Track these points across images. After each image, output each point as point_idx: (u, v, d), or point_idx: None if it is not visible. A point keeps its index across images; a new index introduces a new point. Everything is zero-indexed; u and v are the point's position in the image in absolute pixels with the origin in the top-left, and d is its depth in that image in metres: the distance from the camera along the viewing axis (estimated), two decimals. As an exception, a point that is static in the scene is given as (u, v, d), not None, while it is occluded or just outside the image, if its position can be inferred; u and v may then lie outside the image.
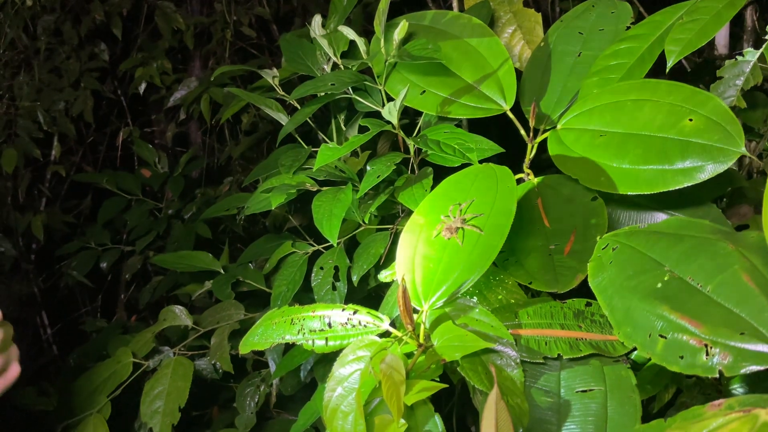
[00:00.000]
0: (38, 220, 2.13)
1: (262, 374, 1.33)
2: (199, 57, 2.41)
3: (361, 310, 0.79)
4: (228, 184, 2.09)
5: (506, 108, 0.95)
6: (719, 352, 0.54)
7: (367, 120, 1.00)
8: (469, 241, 0.75)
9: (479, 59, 0.99)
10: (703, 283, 0.60)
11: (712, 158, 0.71)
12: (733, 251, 0.60)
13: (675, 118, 0.75)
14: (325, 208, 0.99)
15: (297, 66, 1.14)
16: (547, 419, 0.69)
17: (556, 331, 0.70)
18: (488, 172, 0.81)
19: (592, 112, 0.84)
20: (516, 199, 0.75)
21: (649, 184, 0.74)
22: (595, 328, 0.71)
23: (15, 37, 2.11)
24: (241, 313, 1.25)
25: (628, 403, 0.67)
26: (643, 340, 0.60)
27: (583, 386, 0.70)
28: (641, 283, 0.64)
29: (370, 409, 0.69)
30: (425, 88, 0.99)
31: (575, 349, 0.69)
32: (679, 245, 0.65)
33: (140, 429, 1.10)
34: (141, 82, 2.21)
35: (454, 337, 0.70)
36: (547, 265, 0.80)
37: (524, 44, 1.17)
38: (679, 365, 0.57)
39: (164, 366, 1.11)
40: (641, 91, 0.81)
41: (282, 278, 1.19)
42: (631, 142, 0.78)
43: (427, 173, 1.01)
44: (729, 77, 0.92)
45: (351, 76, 1.00)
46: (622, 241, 0.71)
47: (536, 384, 0.72)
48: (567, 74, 0.98)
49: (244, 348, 0.82)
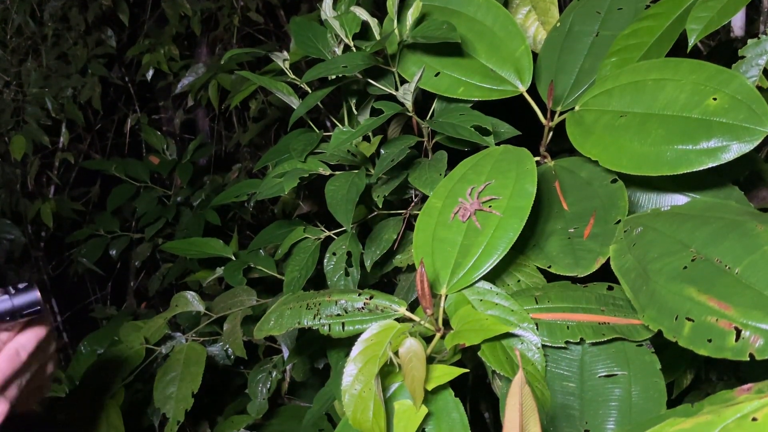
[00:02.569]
0: (47, 208, 2.12)
1: (274, 360, 1.32)
2: (207, 43, 2.39)
3: (377, 295, 0.78)
4: (237, 171, 2.08)
5: (522, 90, 0.94)
6: (750, 335, 0.53)
7: (381, 102, 0.98)
8: (488, 224, 0.74)
9: (494, 40, 0.97)
10: (732, 265, 0.58)
11: (738, 138, 0.69)
12: (762, 232, 0.59)
13: (698, 97, 0.74)
14: (339, 192, 0.98)
15: (307, 49, 1.12)
16: (570, 404, 0.68)
17: (579, 315, 0.69)
18: (507, 154, 0.80)
19: (612, 93, 0.82)
20: (536, 181, 0.73)
21: (672, 165, 0.72)
22: (618, 312, 0.69)
23: (22, 23, 2.10)
24: (253, 298, 1.24)
25: (653, 388, 0.66)
26: (669, 324, 0.59)
27: (606, 371, 0.69)
28: (666, 266, 0.62)
29: (389, 393, 0.68)
30: (440, 70, 0.98)
31: (598, 334, 0.67)
32: (706, 227, 0.63)
33: (153, 414, 1.10)
34: (148, 68, 2.20)
35: (473, 322, 0.69)
36: (567, 249, 0.79)
37: (539, 25, 1.15)
38: (707, 349, 0.55)
39: (177, 352, 1.11)
40: (662, 71, 0.79)
41: (294, 264, 1.18)
42: (653, 123, 0.76)
43: (441, 157, 1.00)
44: (751, 56, 0.89)
45: (363, 58, 0.98)
46: (646, 223, 0.69)
47: (558, 369, 0.70)
48: (584, 55, 0.96)
49: (259, 333, 0.81)
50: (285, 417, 1.38)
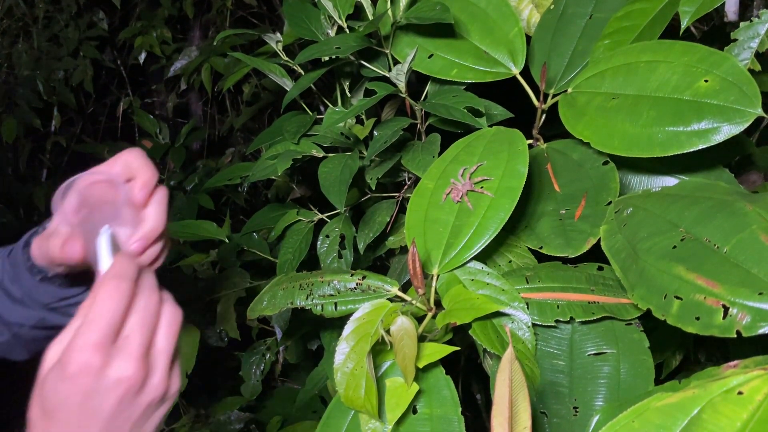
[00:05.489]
0: (40, 191, 2.11)
1: (267, 343, 1.33)
2: (199, 26, 2.38)
3: (370, 275, 0.78)
4: (230, 155, 2.08)
5: (516, 72, 0.94)
6: (737, 313, 0.54)
7: (374, 83, 0.98)
8: (480, 204, 0.75)
9: (488, 21, 0.97)
10: (720, 244, 0.59)
11: (728, 119, 0.70)
12: (750, 211, 0.59)
13: (690, 78, 0.74)
14: (332, 174, 0.98)
15: (301, 30, 1.11)
16: (559, 381, 0.68)
17: (569, 294, 0.70)
18: (499, 135, 0.80)
19: (604, 75, 0.83)
20: (528, 161, 0.74)
21: (663, 147, 0.73)
22: (607, 292, 0.70)
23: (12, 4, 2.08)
24: (246, 281, 1.24)
25: (641, 366, 0.67)
26: (658, 302, 0.60)
27: (595, 349, 0.70)
28: (656, 245, 0.63)
29: (381, 371, 0.69)
30: (433, 52, 0.98)
31: (588, 313, 0.68)
32: (695, 206, 0.64)
33: (147, 395, 1.10)
34: (141, 51, 2.18)
35: (464, 301, 0.70)
36: (558, 230, 0.79)
37: (533, 8, 1.14)
38: (695, 326, 0.56)
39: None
40: (655, 53, 0.79)
41: (287, 246, 1.18)
42: (645, 104, 0.76)
43: (434, 140, 1.00)
44: (743, 39, 0.90)
45: (356, 39, 0.98)
46: (636, 203, 0.70)
47: (548, 347, 0.71)
48: (578, 37, 0.96)
49: (252, 313, 0.81)
50: (278, 398, 1.39)
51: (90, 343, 0.49)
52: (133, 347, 0.50)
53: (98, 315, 0.50)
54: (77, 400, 0.49)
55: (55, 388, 0.49)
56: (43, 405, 0.50)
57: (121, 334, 0.51)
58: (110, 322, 0.50)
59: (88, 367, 0.49)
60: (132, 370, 0.50)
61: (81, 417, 0.49)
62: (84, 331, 0.49)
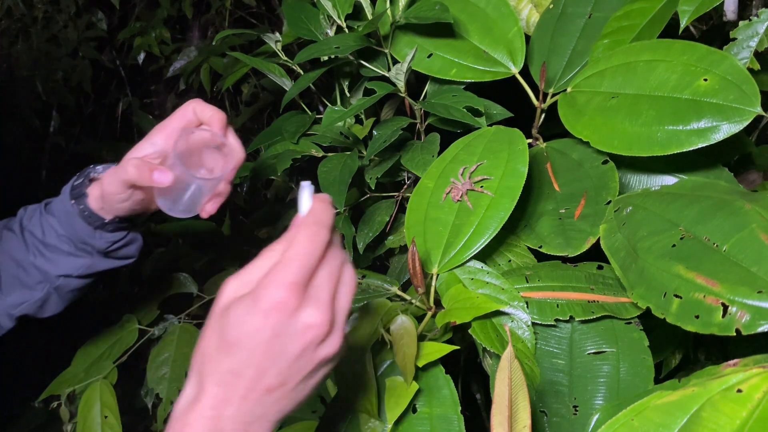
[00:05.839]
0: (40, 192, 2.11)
1: (266, 343, 1.33)
2: (198, 26, 2.38)
3: (370, 275, 0.78)
4: (229, 155, 2.07)
5: (515, 71, 0.94)
6: (736, 311, 0.54)
7: (374, 83, 0.98)
8: (480, 204, 0.75)
9: (487, 21, 0.97)
10: (720, 243, 0.59)
11: (728, 118, 0.70)
12: (750, 210, 0.59)
13: (689, 78, 0.74)
14: (331, 173, 0.98)
15: (300, 30, 1.11)
16: (559, 381, 0.68)
17: (569, 293, 0.70)
18: (499, 134, 0.80)
19: (604, 74, 0.83)
20: (528, 161, 0.74)
21: (663, 146, 0.73)
22: (607, 291, 0.70)
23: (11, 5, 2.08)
24: (245, 281, 1.24)
25: (640, 365, 0.67)
26: (658, 301, 0.60)
27: (594, 348, 0.70)
28: (655, 244, 0.63)
29: (380, 371, 0.69)
30: (432, 51, 0.98)
31: (588, 312, 0.68)
32: (695, 205, 0.64)
33: (147, 395, 1.10)
34: (140, 51, 2.18)
35: (464, 300, 0.70)
36: (558, 229, 0.79)
37: (532, 7, 1.15)
38: (694, 325, 0.56)
39: (170, 333, 1.11)
40: (654, 52, 0.79)
41: (287, 246, 1.18)
42: (644, 104, 0.76)
43: (433, 139, 1.00)
44: (743, 38, 0.90)
45: (356, 39, 0.98)
46: (636, 202, 0.70)
47: (547, 346, 0.71)
48: (577, 37, 0.96)
49: (251, 313, 0.81)
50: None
51: (287, 282, 0.48)
52: (324, 297, 0.49)
53: (297, 256, 0.49)
54: (265, 338, 0.48)
55: (242, 321, 0.48)
56: (225, 336, 0.48)
57: (312, 282, 0.50)
58: (308, 265, 0.49)
59: (283, 305, 0.47)
60: (321, 318, 0.49)
61: (264, 356, 0.48)
62: (281, 269, 0.48)
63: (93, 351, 1.09)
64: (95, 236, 0.83)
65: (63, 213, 0.82)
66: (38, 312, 0.88)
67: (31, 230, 0.85)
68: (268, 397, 0.49)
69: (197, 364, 0.50)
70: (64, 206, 0.82)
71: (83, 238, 0.83)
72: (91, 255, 0.85)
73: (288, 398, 0.50)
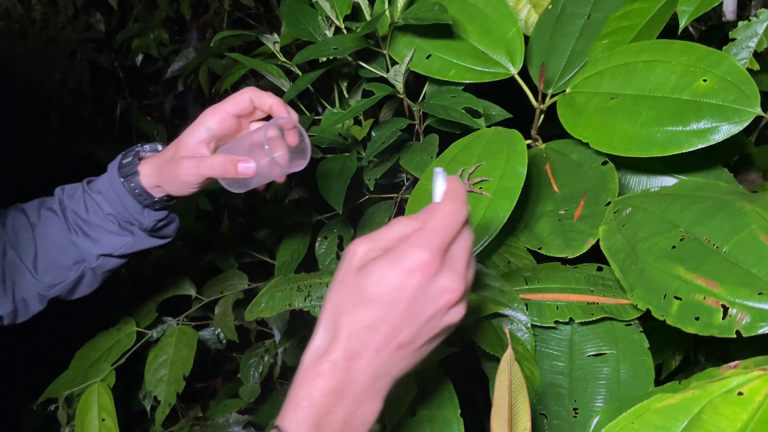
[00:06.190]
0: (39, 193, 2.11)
1: (266, 345, 1.32)
2: (196, 28, 2.37)
3: (368, 276, 0.78)
4: (228, 157, 2.07)
5: (514, 72, 0.93)
6: (737, 313, 0.53)
7: (372, 84, 0.98)
8: (479, 205, 0.74)
9: (486, 22, 0.97)
10: (720, 244, 0.58)
11: (727, 119, 0.70)
12: (750, 211, 0.59)
13: (689, 78, 0.74)
14: (330, 175, 0.97)
15: (298, 31, 1.11)
16: (559, 383, 0.68)
17: (569, 295, 0.70)
18: (498, 135, 0.80)
19: (603, 75, 0.82)
20: (527, 161, 0.74)
21: (662, 147, 0.72)
22: (607, 293, 0.70)
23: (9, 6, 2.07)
24: (244, 282, 1.24)
25: (641, 367, 0.66)
26: (657, 302, 0.59)
27: (594, 350, 0.69)
28: (655, 245, 0.63)
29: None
30: (431, 52, 0.97)
31: (587, 314, 0.68)
32: (695, 206, 0.64)
33: (145, 398, 1.10)
34: (138, 53, 2.18)
35: (463, 302, 0.69)
36: (557, 230, 0.79)
37: (531, 8, 1.14)
38: (694, 326, 0.56)
39: (168, 335, 1.10)
40: (653, 52, 0.79)
41: (286, 248, 1.18)
42: (644, 104, 0.76)
43: (432, 140, 1.00)
44: (742, 39, 0.90)
45: (354, 40, 0.97)
46: (635, 203, 0.70)
47: (547, 348, 0.71)
48: (576, 37, 0.96)
49: (250, 315, 0.81)
50: (277, 401, 1.38)
51: (432, 246, 0.50)
52: (459, 267, 0.52)
53: (442, 225, 0.51)
54: (405, 296, 0.50)
55: (384, 277, 0.50)
56: (363, 291, 0.51)
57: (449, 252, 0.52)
58: (449, 234, 0.51)
59: (426, 266, 0.50)
60: (457, 284, 0.51)
61: (402, 313, 0.50)
62: (425, 234, 0.51)
63: (91, 354, 1.08)
64: (143, 214, 0.85)
65: (111, 191, 0.84)
66: (69, 294, 0.90)
67: (73, 209, 0.86)
68: (397, 354, 0.51)
69: (330, 317, 0.52)
70: (112, 184, 0.84)
71: (130, 216, 0.84)
72: (133, 234, 0.87)
73: (412, 358, 0.53)
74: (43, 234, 0.87)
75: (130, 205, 0.84)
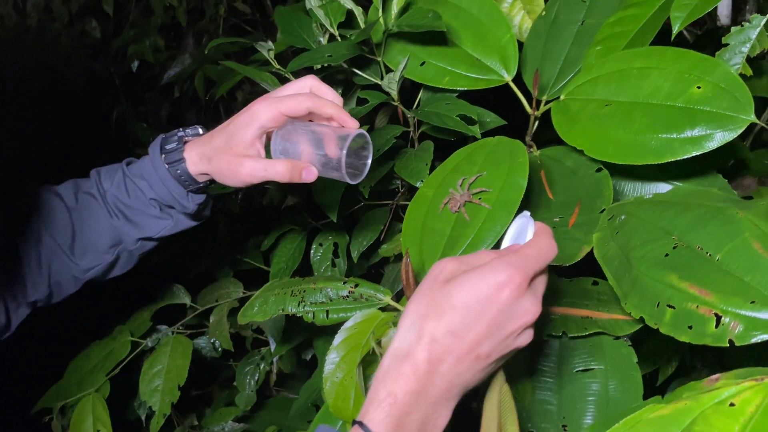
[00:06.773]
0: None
1: (261, 352, 1.32)
2: (192, 34, 2.37)
3: (362, 283, 0.78)
4: (224, 163, 2.07)
5: (508, 79, 0.93)
6: (729, 322, 0.53)
7: (367, 92, 0.98)
8: (477, 216, 0.74)
9: (480, 28, 0.97)
10: (713, 252, 0.58)
11: (721, 126, 0.69)
12: (743, 218, 0.59)
13: (682, 85, 0.74)
14: (325, 182, 0.97)
15: (293, 39, 1.11)
16: (547, 399, 0.68)
17: (563, 308, 0.69)
18: (501, 146, 0.79)
19: (597, 81, 0.82)
20: (527, 174, 0.73)
21: (657, 154, 0.72)
22: (601, 307, 0.69)
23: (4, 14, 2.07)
24: (240, 290, 1.24)
25: (629, 382, 0.66)
26: (651, 311, 0.59)
27: (582, 365, 0.69)
28: (649, 253, 0.62)
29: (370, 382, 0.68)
30: (425, 59, 0.97)
31: (581, 328, 0.67)
32: (687, 214, 0.63)
33: (140, 408, 1.09)
34: (134, 59, 2.18)
35: (457, 311, 0.69)
36: (552, 238, 0.78)
37: (524, 14, 1.14)
38: (688, 335, 0.55)
39: (163, 344, 1.10)
40: (647, 59, 0.79)
41: (281, 255, 1.18)
42: (638, 111, 0.76)
43: (427, 147, 0.99)
44: (735, 44, 0.89)
45: (348, 47, 0.97)
46: (629, 211, 0.69)
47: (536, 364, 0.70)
48: (570, 43, 0.96)
49: (242, 319, 0.80)
50: (273, 408, 1.38)
51: (524, 269, 0.54)
52: (540, 293, 0.56)
53: (536, 255, 0.56)
54: (492, 308, 0.52)
55: (475, 287, 0.53)
56: (452, 299, 0.53)
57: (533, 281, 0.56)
58: (539, 265, 0.56)
59: (517, 285, 0.53)
60: (537, 308, 0.55)
61: (486, 325, 0.53)
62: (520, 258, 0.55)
63: (85, 363, 1.08)
64: (187, 198, 0.87)
65: (155, 176, 0.85)
66: (103, 276, 0.92)
67: (114, 193, 0.88)
68: (475, 364, 0.53)
69: (413, 322, 0.54)
70: (156, 170, 0.85)
71: (174, 200, 0.86)
72: (172, 217, 0.89)
73: (483, 371, 0.55)
74: (81, 218, 0.88)
75: (175, 190, 0.85)
